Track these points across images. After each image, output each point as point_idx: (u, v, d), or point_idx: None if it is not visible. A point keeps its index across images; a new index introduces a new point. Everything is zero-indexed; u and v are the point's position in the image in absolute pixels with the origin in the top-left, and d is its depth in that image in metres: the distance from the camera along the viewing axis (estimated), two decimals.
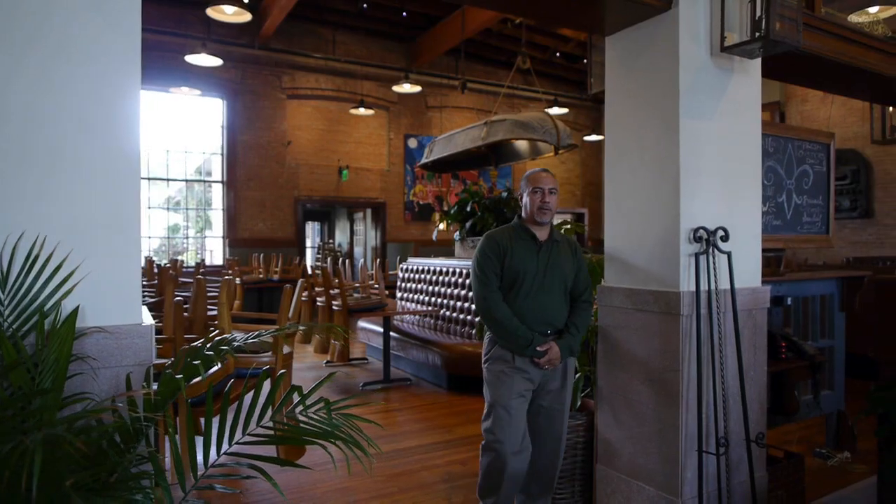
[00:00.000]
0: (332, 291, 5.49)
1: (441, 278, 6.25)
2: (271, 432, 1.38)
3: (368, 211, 12.13)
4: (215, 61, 8.22)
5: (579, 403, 3.15)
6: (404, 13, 10.46)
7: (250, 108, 10.47)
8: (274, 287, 9.73)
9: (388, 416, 4.79)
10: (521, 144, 7.02)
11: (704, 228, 2.50)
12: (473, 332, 5.56)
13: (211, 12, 6.54)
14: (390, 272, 9.05)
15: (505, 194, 6.56)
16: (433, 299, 6.29)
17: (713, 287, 2.51)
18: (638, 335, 2.65)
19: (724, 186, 2.63)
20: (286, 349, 2.94)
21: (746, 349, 2.65)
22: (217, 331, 2.62)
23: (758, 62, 2.74)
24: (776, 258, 4.66)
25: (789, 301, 3.45)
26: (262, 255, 9.58)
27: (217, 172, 10.89)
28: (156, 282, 6.39)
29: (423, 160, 7.38)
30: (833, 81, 3.91)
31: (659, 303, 2.54)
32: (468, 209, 6.59)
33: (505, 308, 2.43)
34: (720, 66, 2.62)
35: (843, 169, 8.88)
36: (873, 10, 4.21)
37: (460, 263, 6.02)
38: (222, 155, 10.58)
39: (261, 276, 9.17)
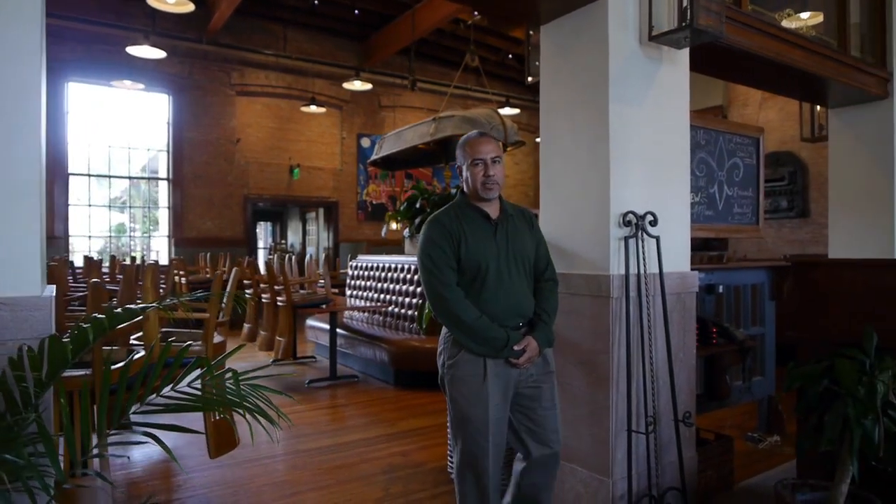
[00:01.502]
0: (276, 287, 5.38)
1: (390, 275, 6.22)
2: (170, 402, 1.33)
3: (321, 210, 11.99)
4: (158, 53, 7.99)
5: None
6: (356, 11, 10.40)
7: (198, 105, 10.22)
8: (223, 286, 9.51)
9: (333, 412, 4.73)
10: None
11: (633, 213, 2.55)
12: (423, 327, 5.55)
13: (152, 2, 6.35)
14: (341, 271, 8.95)
15: (454, 191, 6.57)
16: (382, 296, 6.24)
17: (642, 270, 2.56)
18: (570, 319, 2.68)
19: (653, 173, 2.69)
20: (219, 338, 2.86)
21: (675, 332, 2.71)
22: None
23: (686, 53, 2.82)
24: (719, 256, 4.82)
25: (721, 289, 3.55)
26: (208, 255, 9.34)
27: (163, 170, 10.58)
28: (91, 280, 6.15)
29: (373, 157, 7.34)
30: (764, 78, 4.06)
31: (590, 286, 2.57)
32: (417, 206, 6.58)
33: (471, 307, 2.06)
34: (649, 56, 2.68)
35: (781, 170, 9.24)
36: (805, 15, 4.40)
37: (409, 260, 6.00)
38: (168, 152, 10.29)
39: (207, 275, 8.93)
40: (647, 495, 2.51)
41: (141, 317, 1.72)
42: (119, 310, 1.43)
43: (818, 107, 5.44)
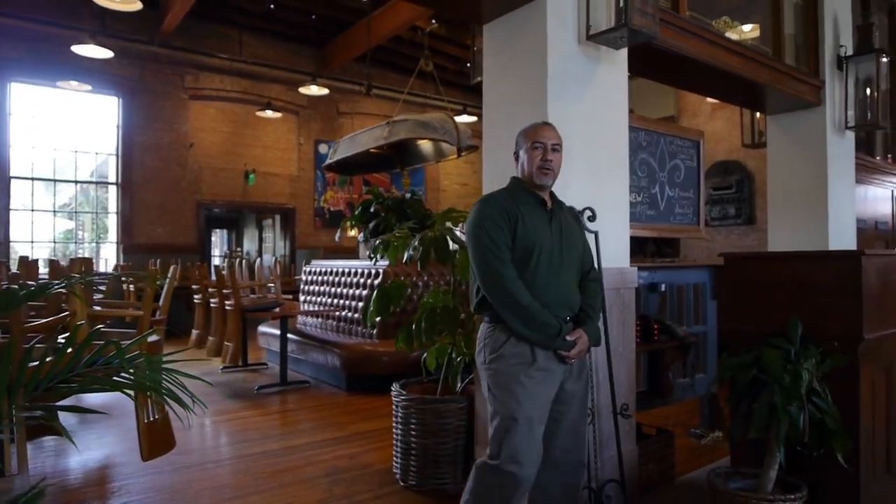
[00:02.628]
0: (225, 291, 5.27)
1: (344, 279, 6.16)
2: (73, 384, 1.27)
3: (277, 217, 11.81)
4: (105, 53, 7.78)
5: (460, 388, 3.17)
6: (313, 17, 10.34)
7: (149, 108, 9.97)
8: (173, 294, 9.24)
9: (282, 417, 4.64)
10: (426, 147, 7.07)
11: (572, 208, 2.57)
12: (374, 332, 5.50)
13: None
14: (296, 277, 8.82)
15: (408, 195, 6.56)
16: (336, 301, 6.17)
17: None
18: None
19: (592, 169, 2.73)
20: (155, 337, 2.77)
21: (615, 326, 2.75)
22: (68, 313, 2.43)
23: (624, 54, 2.88)
24: (671, 261, 4.93)
25: (664, 288, 3.63)
26: (159, 262, 9.09)
27: (113, 175, 10.27)
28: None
29: (328, 160, 7.28)
30: (705, 83, 4.19)
31: None
32: (372, 210, 6.55)
33: (526, 289, 1.95)
34: (588, 55, 2.73)
35: (729, 179, 9.56)
36: (747, 28, 4.57)
37: (363, 264, 5.95)
38: (117, 156, 10.00)
39: (157, 282, 8.68)
40: (586, 487, 2.52)
41: (63, 309, 1.65)
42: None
43: (758, 114, 5.64)
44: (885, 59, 4.49)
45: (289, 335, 5.92)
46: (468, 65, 12.24)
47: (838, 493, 2.26)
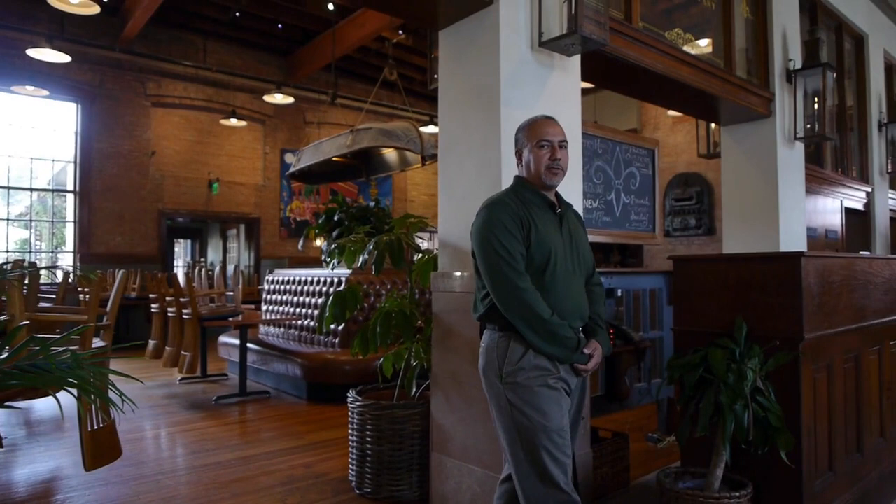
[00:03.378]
0: (182, 300, 5.16)
1: (307, 288, 6.09)
2: None
3: (242, 227, 11.65)
4: (62, 57, 7.61)
5: (416, 393, 3.15)
6: (280, 25, 10.29)
7: (109, 115, 9.76)
8: (132, 305, 9.03)
9: (240, 428, 4.55)
10: (391, 156, 7.08)
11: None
12: (336, 340, 5.45)
13: (54, 2, 6.05)
14: (260, 287, 8.69)
15: (372, 203, 6.54)
16: (298, 310, 6.10)
17: None
18: (467, 317, 2.68)
19: None
20: (99, 343, 2.69)
21: None
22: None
23: (577, 62, 2.93)
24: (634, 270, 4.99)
25: (620, 293, 3.68)
26: (117, 271, 8.85)
27: (70, 182, 10.01)
28: None
29: (291, 169, 7.23)
30: (659, 93, 4.27)
31: None
32: (336, 219, 6.50)
33: (544, 302, 1.84)
34: (541, 62, 2.77)
35: (690, 190, 9.78)
36: (703, 43, 4.69)
37: (325, 273, 5.90)
38: (76, 163, 9.75)
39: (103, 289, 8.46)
40: None
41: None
42: None
43: (713, 125, 5.79)
44: (831, 74, 4.67)
45: (250, 345, 5.83)
46: (435, 76, 12.32)
47: (782, 489, 2.30)
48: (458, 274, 2.75)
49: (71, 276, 6.82)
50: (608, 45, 2.95)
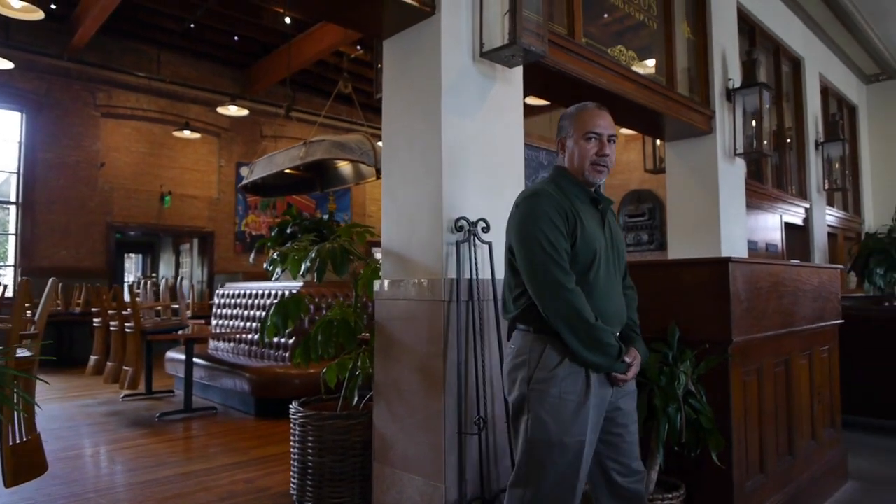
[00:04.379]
0: (124, 313, 5.00)
1: (258, 301, 5.98)
2: None
3: (195, 241, 11.40)
4: (5, 64, 7.37)
5: (358, 402, 3.11)
6: (236, 38, 10.20)
7: (56, 124, 9.47)
8: (76, 321, 8.70)
9: (183, 444, 4.41)
10: (345, 168, 7.05)
11: (466, 219, 2.62)
12: (287, 354, 5.35)
13: None
14: (212, 302, 8.49)
15: (326, 216, 6.50)
16: (249, 324, 5.97)
17: (475, 276, 2.62)
18: (409, 325, 2.68)
19: (486, 183, 2.79)
20: (24, 353, 2.58)
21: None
22: None
23: (519, 73, 2.98)
24: None
25: None
26: (61, 287, 8.54)
27: (13, 194, 9.64)
28: None
29: (244, 181, 7.13)
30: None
31: (425, 291, 2.60)
32: (289, 232, 6.43)
33: (588, 306, 1.71)
34: (482, 73, 2.81)
35: (642, 207, 10.01)
36: (650, 63, 4.84)
37: (277, 285, 5.81)
38: (19, 174, 9.41)
39: (58, 307, 8.16)
40: (478, 498, 2.52)
41: None
42: None
43: (658, 141, 5.96)
44: (767, 93, 4.87)
45: (198, 360, 5.68)
46: (374, 82, 12.38)
47: (714, 491, 2.35)
48: (401, 281, 2.75)
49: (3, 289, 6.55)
50: (550, 59, 3.02)
